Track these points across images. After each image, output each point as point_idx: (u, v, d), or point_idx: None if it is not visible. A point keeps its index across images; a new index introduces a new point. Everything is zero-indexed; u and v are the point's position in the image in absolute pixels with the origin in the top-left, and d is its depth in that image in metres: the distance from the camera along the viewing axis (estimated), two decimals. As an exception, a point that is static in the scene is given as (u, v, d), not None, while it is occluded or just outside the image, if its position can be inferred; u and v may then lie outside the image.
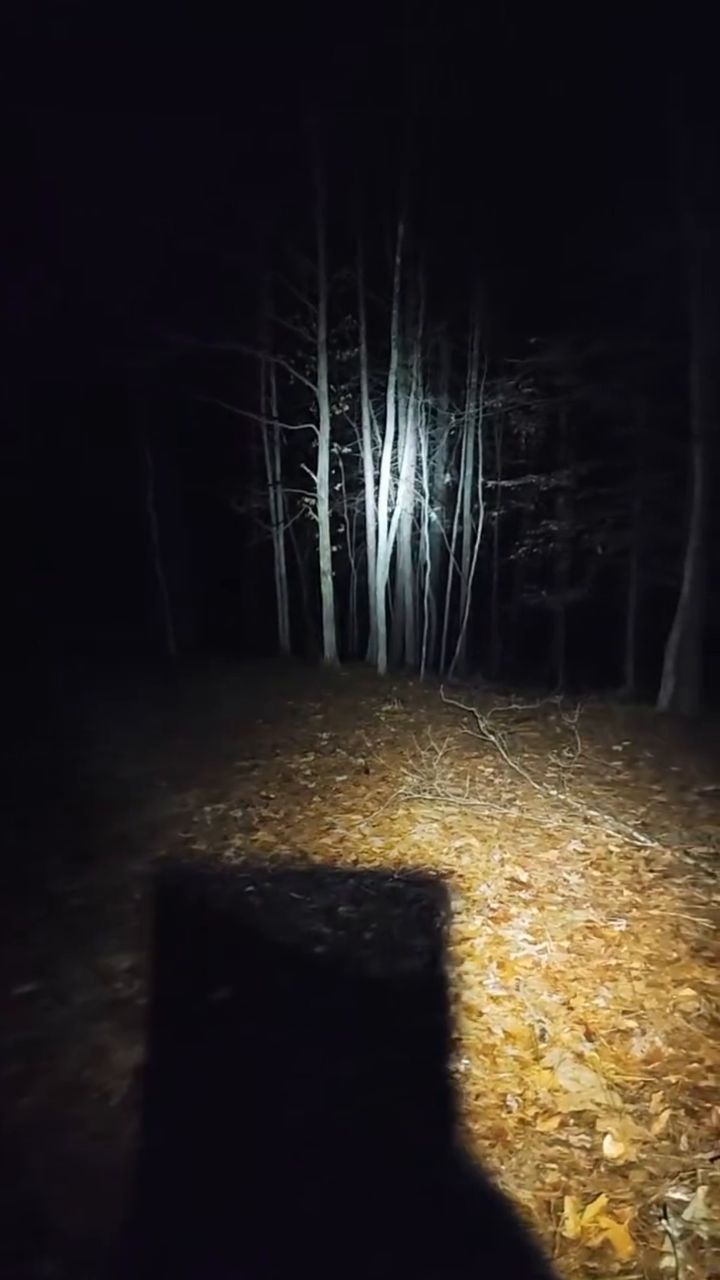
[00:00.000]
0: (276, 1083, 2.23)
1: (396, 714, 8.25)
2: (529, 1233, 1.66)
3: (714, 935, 3.19)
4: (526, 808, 5.04)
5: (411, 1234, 1.69)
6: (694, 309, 8.70)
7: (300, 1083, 2.22)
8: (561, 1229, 1.67)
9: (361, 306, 12.66)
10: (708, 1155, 1.88)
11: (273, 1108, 2.12)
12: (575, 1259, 1.60)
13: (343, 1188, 1.82)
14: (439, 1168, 1.88)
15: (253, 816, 4.79)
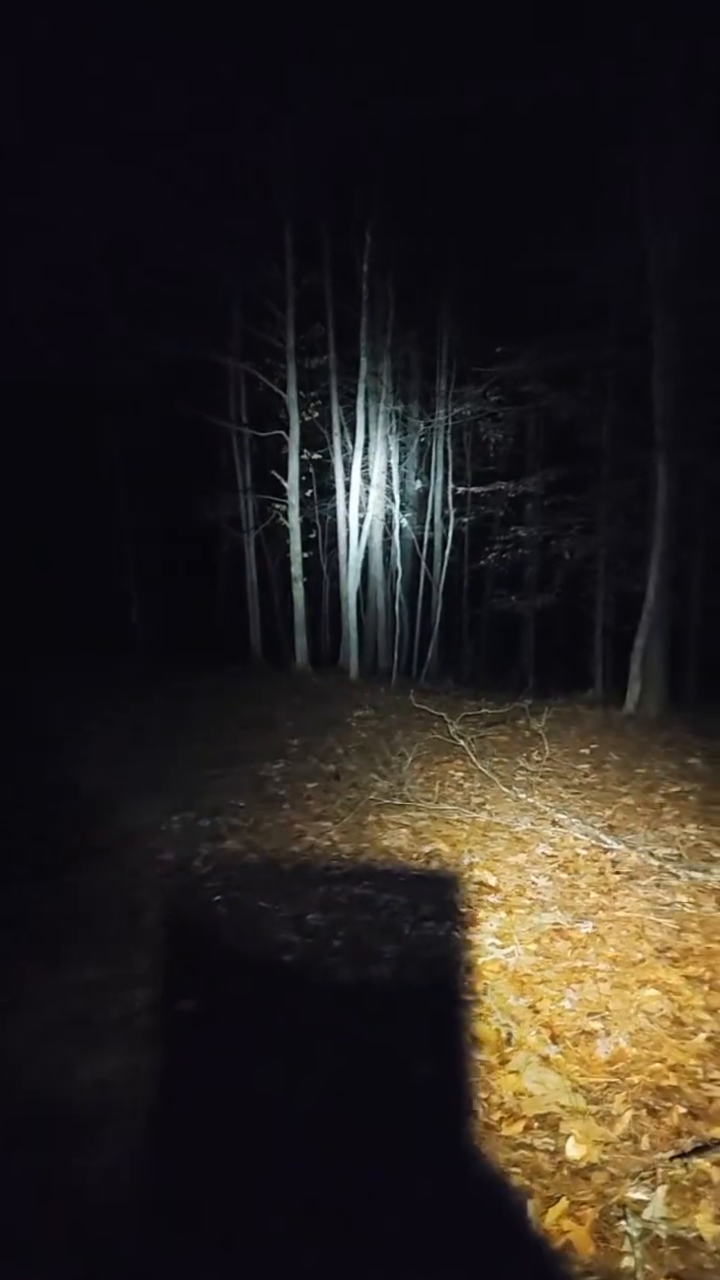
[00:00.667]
0: (240, 1094, 2.21)
1: (368, 720, 8.26)
2: (494, 1238, 1.67)
3: (677, 936, 3.24)
4: (496, 811, 5.08)
5: (377, 1243, 1.69)
6: (656, 320, 8.85)
7: (265, 1093, 2.21)
8: (525, 1233, 1.68)
9: (330, 314, 12.70)
10: (668, 1154, 1.91)
11: (236, 1119, 2.10)
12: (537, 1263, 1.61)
13: (307, 1199, 1.81)
14: (405, 1176, 1.88)
15: (221, 825, 4.76)
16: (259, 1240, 1.71)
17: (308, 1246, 1.69)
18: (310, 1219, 1.75)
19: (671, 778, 6.04)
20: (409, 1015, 2.62)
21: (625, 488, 10.86)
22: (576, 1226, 1.67)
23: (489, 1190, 1.82)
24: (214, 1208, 1.79)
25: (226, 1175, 1.89)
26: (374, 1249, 1.68)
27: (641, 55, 8.05)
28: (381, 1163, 1.92)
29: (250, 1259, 1.68)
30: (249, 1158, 1.95)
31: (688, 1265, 1.58)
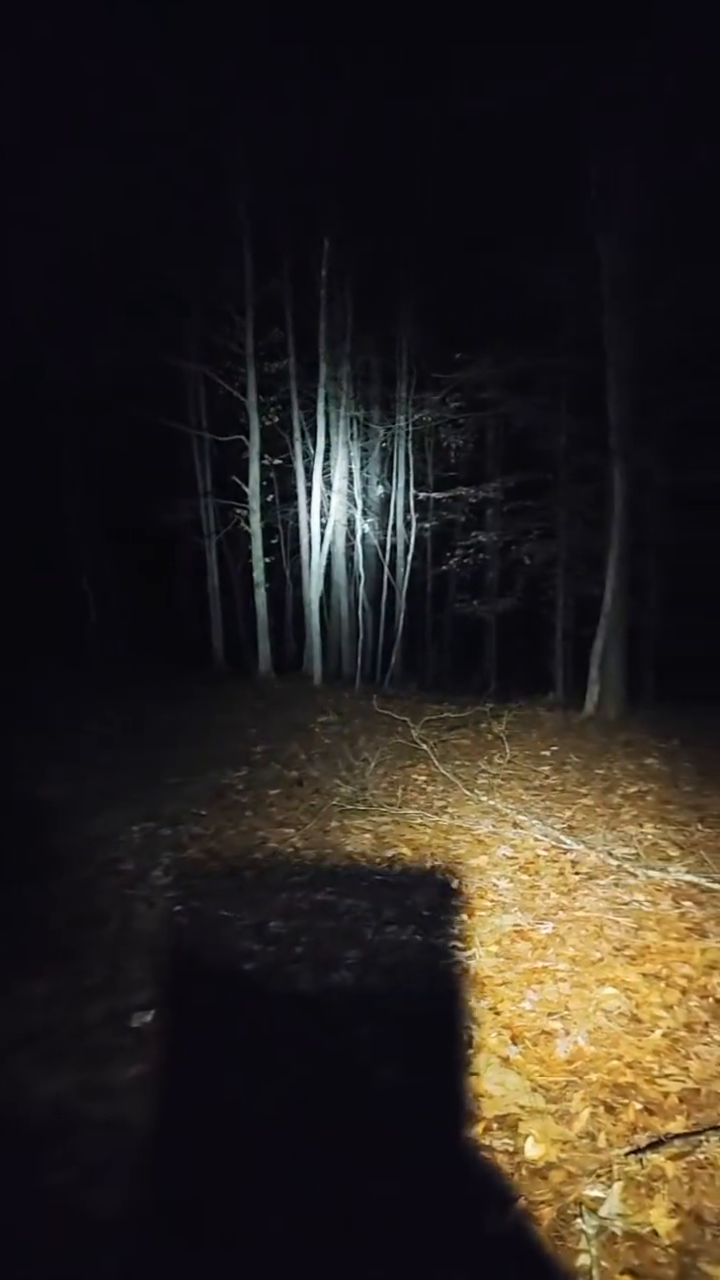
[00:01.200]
0: (199, 1104, 2.18)
1: (331, 725, 8.25)
2: (451, 1242, 1.67)
3: (635, 934, 3.29)
4: (458, 815, 5.11)
5: (334, 1251, 1.68)
6: (608, 328, 9.03)
7: (225, 1103, 2.19)
8: (480, 1236, 1.69)
9: (289, 319, 12.70)
10: (624, 1151, 1.93)
11: (194, 1129, 2.07)
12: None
13: (266, 1213, 1.79)
14: (365, 1182, 1.87)
15: (183, 834, 4.71)
16: (233, 1247, 1.69)
17: (281, 1249, 1.67)
18: (275, 1222, 1.73)
19: (630, 778, 6.14)
20: (370, 1021, 2.61)
21: (582, 493, 11.05)
22: (533, 1226, 1.68)
23: (449, 1192, 1.82)
24: (183, 1216, 1.77)
25: (186, 1185, 1.87)
26: (343, 1250, 1.67)
27: (590, 66, 8.21)
28: (344, 1167, 1.91)
29: (223, 1269, 1.65)
30: (207, 1168, 1.93)
31: (643, 1261, 1.60)
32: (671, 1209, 1.73)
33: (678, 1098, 2.17)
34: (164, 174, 10.93)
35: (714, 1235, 1.66)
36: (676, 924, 3.39)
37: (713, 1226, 1.69)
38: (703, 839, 4.60)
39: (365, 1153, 1.97)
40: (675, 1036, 2.50)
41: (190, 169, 11.10)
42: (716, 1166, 1.87)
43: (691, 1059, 2.37)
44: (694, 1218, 1.71)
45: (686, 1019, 2.60)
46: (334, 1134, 2.05)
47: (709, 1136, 1.97)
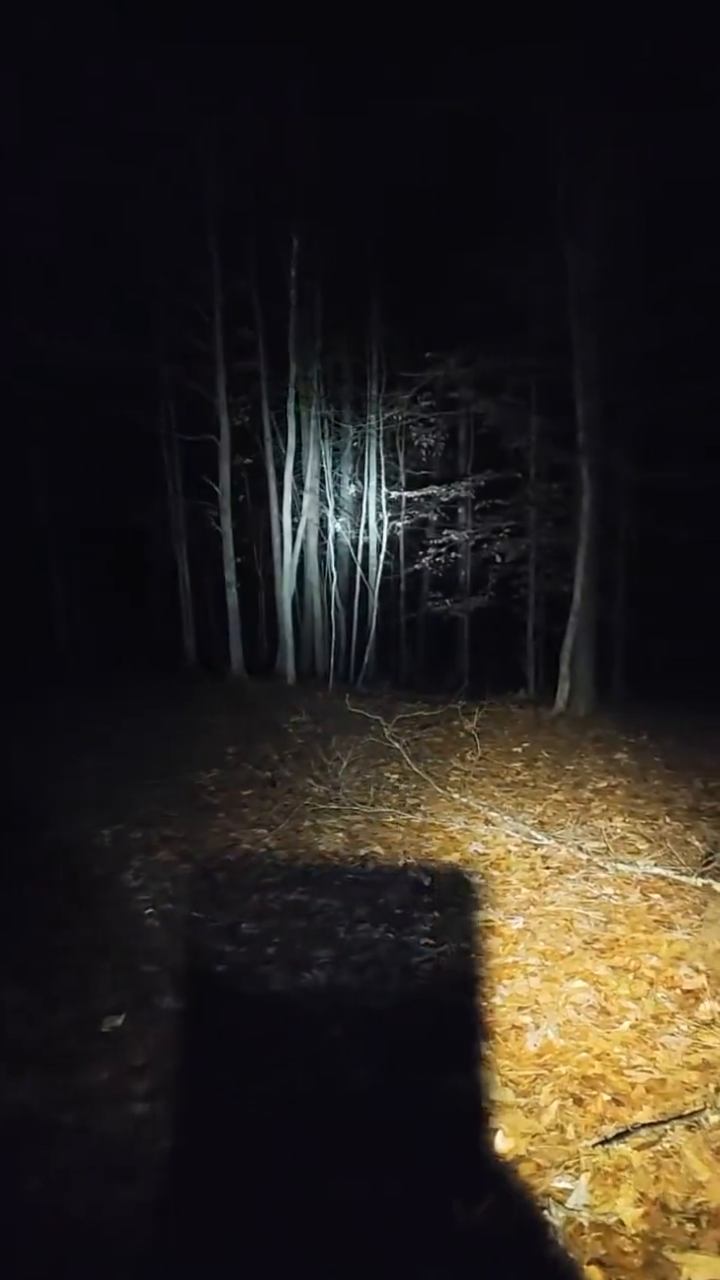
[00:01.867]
0: (166, 1113, 2.17)
1: (304, 725, 8.23)
2: (419, 1236, 1.68)
3: (604, 927, 3.33)
4: (430, 812, 5.13)
5: (303, 1248, 1.68)
6: (575, 330, 9.12)
7: (191, 1108, 2.17)
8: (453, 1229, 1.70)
9: (259, 318, 12.65)
10: (591, 1142, 1.96)
11: (160, 1138, 2.06)
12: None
13: (238, 1216, 1.79)
14: (339, 1180, 1.87)
15: (154, 836, 4.66)
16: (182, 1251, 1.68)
17: (256, 1249, 1.66)
18: (223, 1240, 1.73)
19: (599, 773, 6.21)
20: (341, 1019, 2.61)
21: (551, 492, 11.15)
22: (502, 1220, 1.69)
23: (420, 1186, 1.82)
24: (146, 1226, 1.75)
25: (150, 1194, 1.85)
26: (315, 1250, 1.67)
27: (555, 72, 8.29)
28: (316, 1166, 1.91)
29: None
30: (170, 1179, 1.92)
31: (609, 1250, 1.62)
32: (638, 1198, 1.76)
33: (645, 1088, 2.21)
34: (131, 172, 10.81)
35: (678, 1223, 1.69)
36: (645, 916, 3.43)
37: (677, 1214, 1.71)
38: (670, 832, 4.67)
39: (337, 1152, 1.97)
40: (643, 1028, 2.54)
41: (156, 167, 11.00)
42: (681, 1155, 1.90)
43: (658, 1049, 2.41)
44: (659, 1206, 1.74)
45: (654, 1010, 2.64)
46: (301, 1135, 2.05)
47: (674, 1125, 2.00)
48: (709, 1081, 2.22)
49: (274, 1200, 1.82)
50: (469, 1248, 1.65)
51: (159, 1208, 1.81)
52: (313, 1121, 2.10)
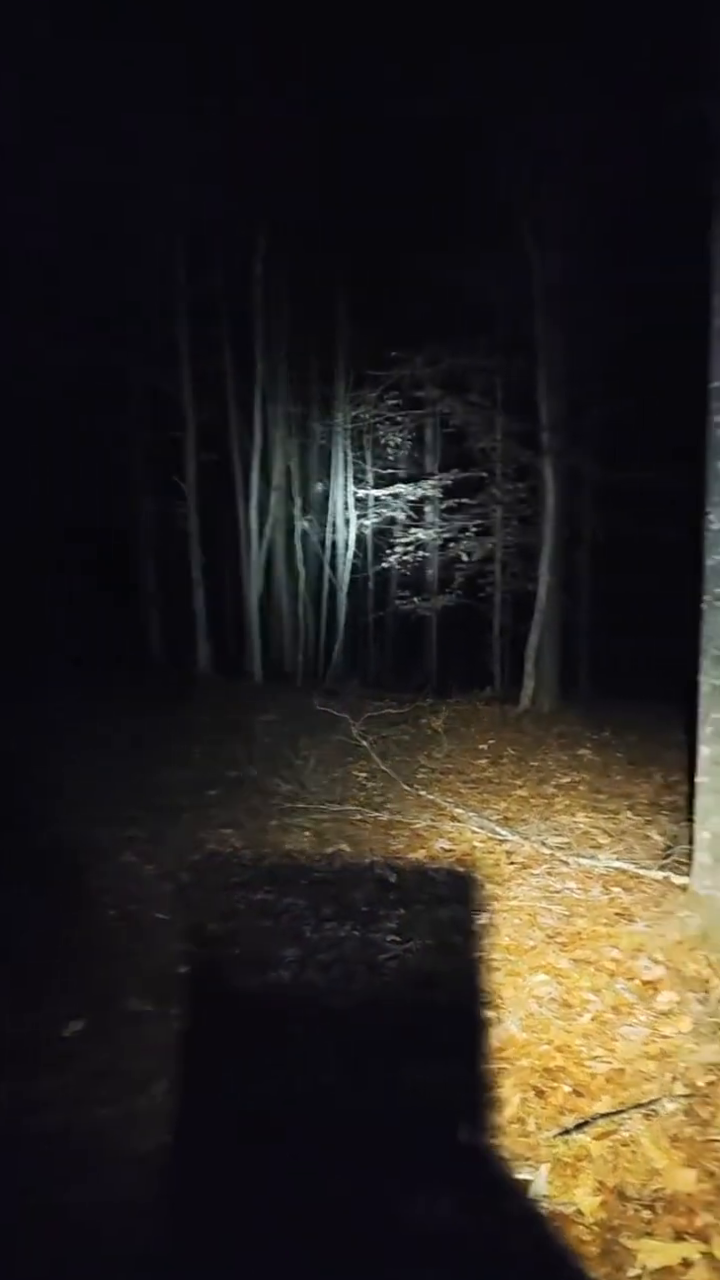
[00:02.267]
0: (127, 1117, 2.15)
1: (272, 724, 8.20)
2: (380, 1232, 1.69)
3: (567, 921, 3.38)
4: (397, 810, 5.15)
5: (265, 1246, 1.68)
6: (538, 331, 9.22)
7: (153, 1111, 2.16)
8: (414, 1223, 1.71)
9: (225, 315, 12.57)
10: (552, 1133, 1.99)
11: (122, 1142, 2.04)
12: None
13: (200, 1215, 1.78)
14: (300, 1178, 1.88)
15: (118, 837, 4.61)
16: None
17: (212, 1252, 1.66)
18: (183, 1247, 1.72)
19: (563, 769, 6.30)
20: (307, 1018, 2.62)
21: (517, 492, 11.26)
22: (463, 1213, 1.71)
23: (383, 1182, 1.83)
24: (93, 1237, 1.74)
25: (112, 1195, 1.84)
26: (272, 1247, 1.67)
27: (516, 73, 8.36)
28: (281, 1168, 1.91)
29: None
30: (131, 1179, 1.91)
31: (568, 1240, 1.65)
32: (596, 1187, 1.79)
33: (604, 1079, 2.25)
34: (95, 168, 10.66)
35: (635, 1210, 1.72)
36: (606, 910, 3.49)
37: (634, 1202, 1.75)
38: (631, 826, 4.76)
39: (298, 1151, 1.97)
40: (603, 1019, 2.58)
41: (120, 164, 10.86)
42: (639, 1143, 1.94)
43: (618, 1040, 2.45)
44: (616, 1194, 1.78)
45: (614, 1001, 2.68)
46: (263, 1135, 2.05)
47: (632, 1114, 2.04)
48: (666, 1070, 2.26)
49: (236, 1199, 1.81)
50: (430, 1242, 1.66)
51: (119, 1208, 1.80)
52: (274, 1121, 2.10)
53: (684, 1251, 1.61)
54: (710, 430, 3.08)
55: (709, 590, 3.09)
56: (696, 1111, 2.07)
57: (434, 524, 13.97)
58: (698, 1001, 2.62)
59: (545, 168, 8.72)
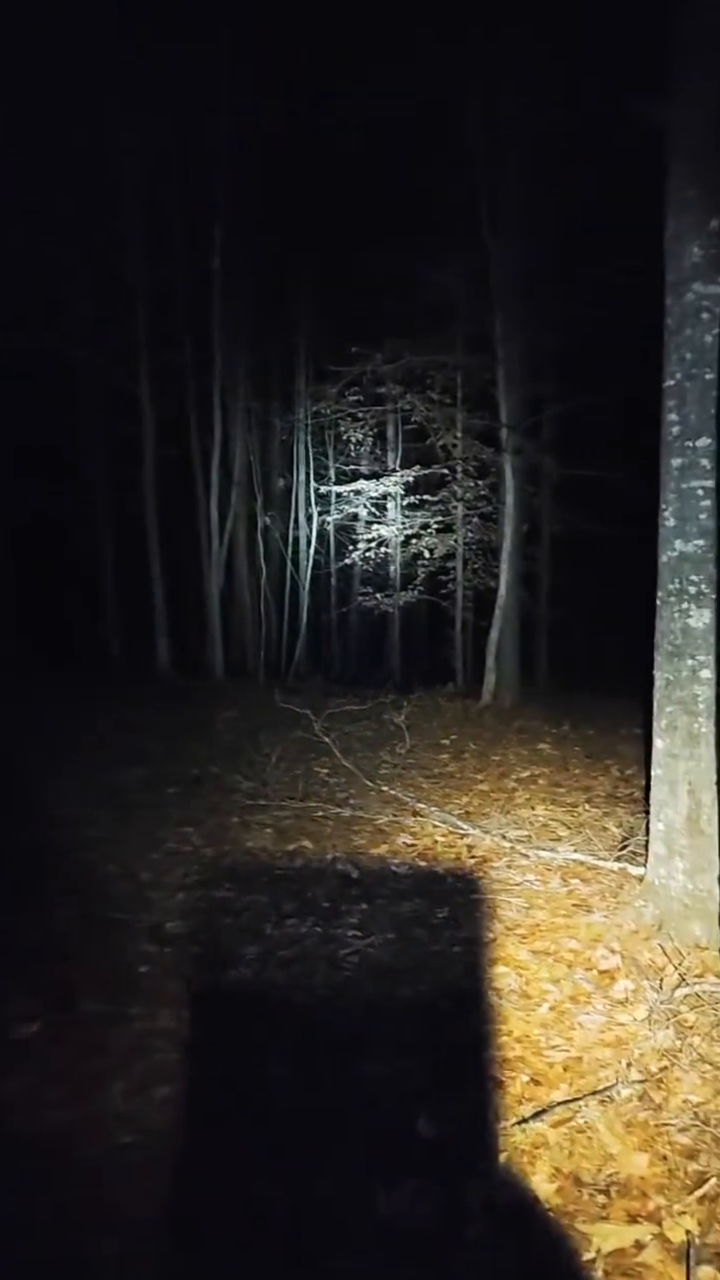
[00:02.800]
0: (84, 1119, 2.12)
1: (233, 721, 8.15)
2: (342, 1221, 1.69)
3: (526, 913, 3.42)
4: (359, 806, 5.16)
5: (220, 1244, 1.67)
6: (498, 330, 9.29)
7: (108, 1113, 2.13)
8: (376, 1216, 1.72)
9: (184, 307, 12.42)
10: (511, 1122, 2.01)
11: (79, 1145, 2.01)
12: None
13: (152, 1225, 1.76)
14: (261, 1170, 1.87)
15: (75, 836, 4.53)
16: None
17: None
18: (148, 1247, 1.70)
19: (523, 763, 6.37)
20: (266, 1016, 2.60)
21: (477, 488, 11.34)
22: (423, 1204, 1.72)
23: (343, 1174, 1.83)
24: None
25: (65, 1196, 1.81)
26: (230, 1244, 1.66)
27: (475, 72, 8.41)
28: (237, 1167, 1.90)
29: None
30: (84, 1181, 1.88)
31: (525, 1227, 1.67)
32: (552, 1174, 1.82)
33: (562, 1067, 2.28)
34: (47, 151, 10.45)
35: (590, 1195, 1.75)
36: (564, 901, 3.54)
37: (589, 1187, 1.78)
38: (589, 819, 4.84)
39: (253, 1149, 1.96)
40: (561, 1009, 2.62)
41: (76, 149, 10.67)
42: (595, 1129, 1.97)
43: (576, 1029, 2.49)
44: (573, 1180, 1.80)
45: (572, 991, 2.73)
46: (218, 1134, 2.04)
47: (588, 1101, 2.07)
48: (621, 1057, 2.31)
49: (192, 1199, 1.80)
50: (388, 1233, 1.67)
51: (74, 1210, 1.77)
52: (235, 1118, 2.09)
53: (636, 1234, 1.64)
54: (665, 428, 3.14)
55: (663, 586, 3.15)
56: (650, 1096, 2.12)
57: (396, 520, 13.99)
58: (652, 989, 2.68)
59: (504, 163, 8.79)
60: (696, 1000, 2.58)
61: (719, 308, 2.96)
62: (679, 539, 3.07)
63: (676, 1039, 2.37)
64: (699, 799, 3.00)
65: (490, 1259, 1.60)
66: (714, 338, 2.94)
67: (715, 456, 2.96)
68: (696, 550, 3.01)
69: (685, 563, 3.04)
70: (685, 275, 3.02)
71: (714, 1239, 1.63)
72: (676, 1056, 2.29)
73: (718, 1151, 1.89)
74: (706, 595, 2.98)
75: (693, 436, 3.01)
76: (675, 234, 3.07)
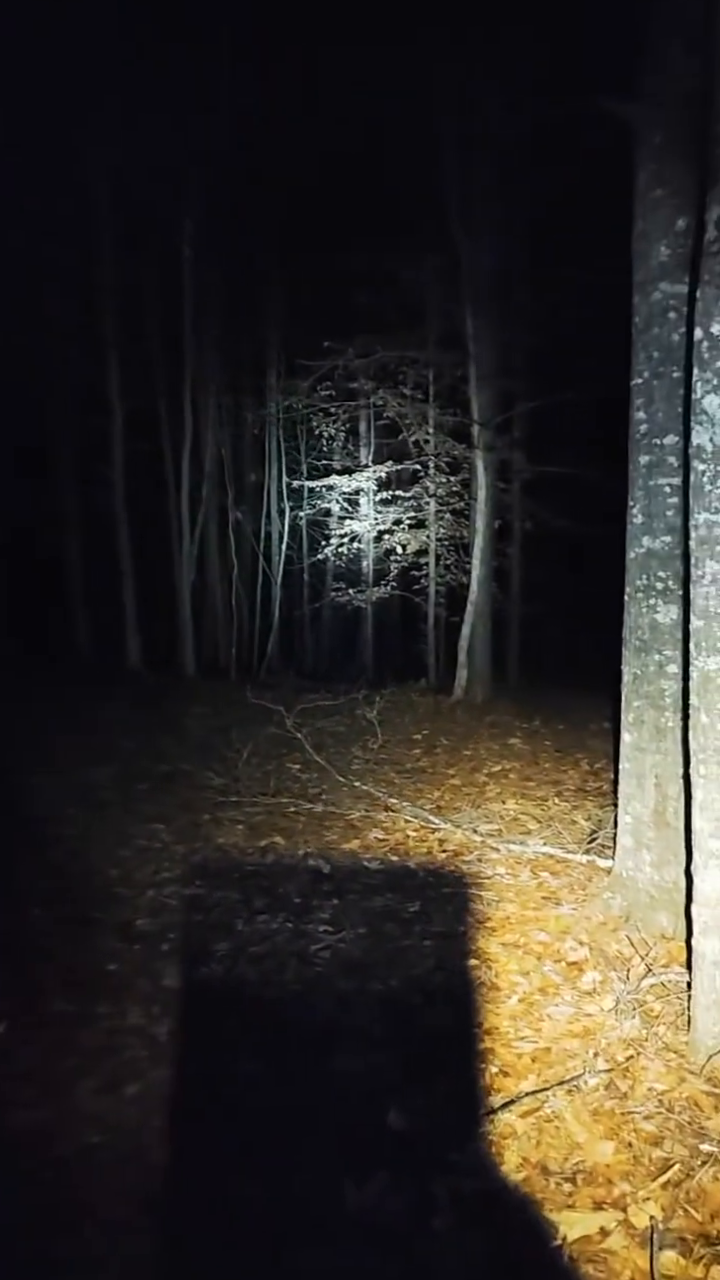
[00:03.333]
0: (54, 1119, 2.09)
1: (204, 718, 8.10)
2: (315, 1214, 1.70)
3: (496, 906, 3.45)
4: (331, 801, 5.16)
5: (191, 1239, 1.66)
6: (469, 327, 9.32)
7: (78, 1113, 2.11)
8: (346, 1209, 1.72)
9: (154, 299, 12.29)
10: (480, 1112, 2.03)
11: (48, 1145, 1.99)
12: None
13: (129, 1211, 1.75)
14: (232, 1167, 1.86)
15: (44, 834, 4.48)
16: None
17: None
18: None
19: (494, 758, 6.42)
20: (236, 1012, 2.60)
21: (449, 484, 11.38)
22: (392, 1197, 1.73)
23: (315, 1168, 1.84)
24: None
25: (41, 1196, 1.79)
26: (197, 1237, 1.65)
27: (445, 68, 8.42)
28: (205, 1162, 1.89)
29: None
30: (58, 1179, 1.86)
31: (493, 1217, 1.68)
32: (520, 1163, 1.84)
33: (530, 1058, 2.30)
34: (10, 140, 10.25)
35: (557, 1183, 1.77)
36: (534, 894, 3.58)
37: (556, 1175, 1.80)
38: (559, 812, 4.89)
39: (221, 1145, 1.96)
40: (530, 1000, 2.64)
41: (41, 139, 10.48)
42: (562, 1118, 1.99)
43: (544, 1020, 2.52)
44: (540, 1169, 1.82)
45: (541, 983, 2.75)
46: (187, 1131, 2.03)
47: (555, 1091, 2.10)
48: (589, 1047, 2.34)
49: (162, 1197, 1.79)
50: (358, 1227, 1.67)
51: (43, 1211, 1.75)
52: (202, 1115, 2.08)
53: (602, 1220, 1.66)
54: (632, 425, 3.17)
55: (631, 582, 3.19)
56: (616, 1085, 2.15)
57: (369, 516, 13.98)
58: (619, 980, 2.72)
59: (474, 161, 8.81)
60: (662, 990, 2.62)
61: (686, 307, 2.99)
62: (647, 535, 3.10)
63: (643, 1028, 2.40)
64: (665, 792, 3.05)
65: (457, 1249, 1.61)
66: (681, 336, 2.97)
67: (682, 454, 2.99)
68: (664, 546, 3.05)
69: (653, 559, 3.08)
70: (653, 274, 3.06)
71: (677, 1224, 1.66)
72: (642, 1045, 2.32)
73: (681, 1138, 1.92)
74: (673, 591, 3.02)
75: (660, 434, 3.05)
76: (643, 233, 3.10)
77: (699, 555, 2.19)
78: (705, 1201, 1.71)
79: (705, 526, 2.16)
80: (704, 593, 2.17)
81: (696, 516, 2.19)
